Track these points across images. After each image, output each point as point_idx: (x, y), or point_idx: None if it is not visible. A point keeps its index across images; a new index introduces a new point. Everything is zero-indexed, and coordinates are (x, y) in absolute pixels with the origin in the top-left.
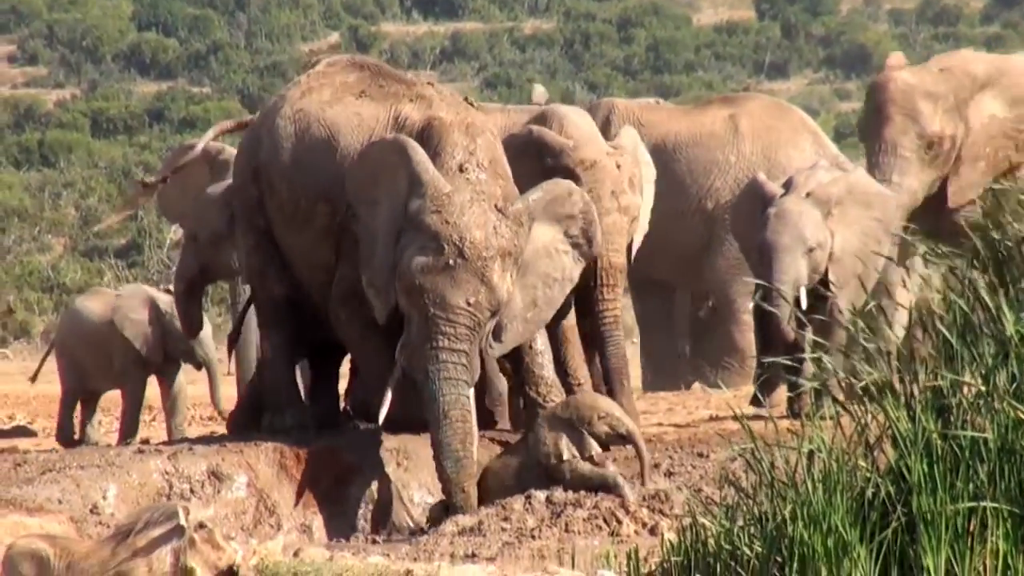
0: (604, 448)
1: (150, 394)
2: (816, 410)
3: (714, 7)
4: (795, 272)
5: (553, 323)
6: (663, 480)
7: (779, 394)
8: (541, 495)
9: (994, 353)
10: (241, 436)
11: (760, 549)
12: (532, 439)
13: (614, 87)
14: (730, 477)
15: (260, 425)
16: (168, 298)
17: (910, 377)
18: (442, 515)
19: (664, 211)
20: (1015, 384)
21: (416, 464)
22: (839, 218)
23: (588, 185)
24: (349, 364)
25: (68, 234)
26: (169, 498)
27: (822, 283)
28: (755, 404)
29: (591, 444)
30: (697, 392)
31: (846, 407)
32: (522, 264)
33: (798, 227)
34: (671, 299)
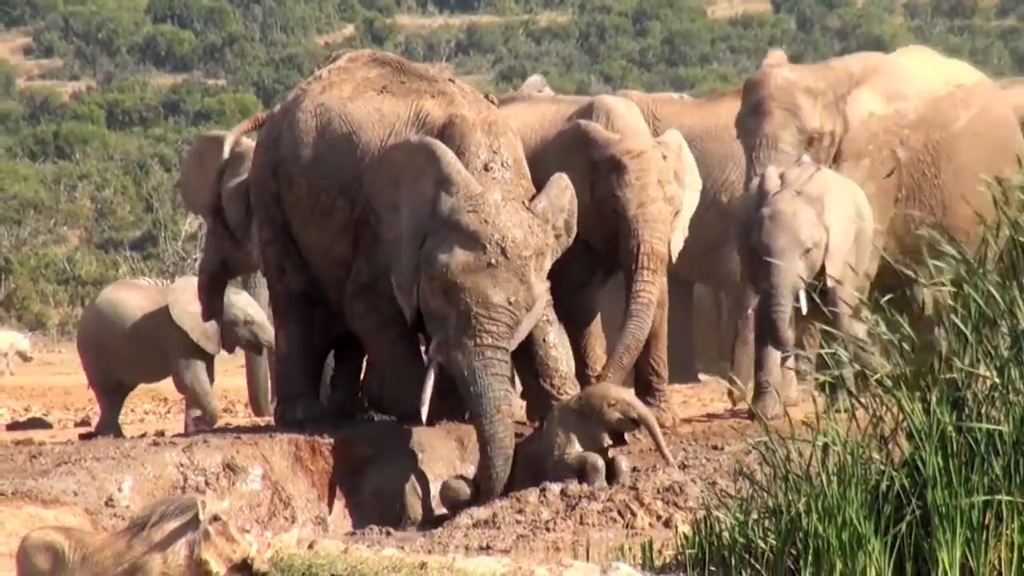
0: (619, 436)
1: (165, 387)
2: (831, 404)
3: (729, 0)
4: (793, 276)
5: (578, 318)
6: (678, 473)
7: (790, 390)
8: (556, 487)
9: (1009, 346)
10: (258, 428)
11: (774, 542)
12: (544, 431)
13: (629, 80)
14: (745, 470)
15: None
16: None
17: (925, 369)
18: (460, 491)
19: None
20: None
21: (431, 456)
22: (830, 212)
23: (635, 174)
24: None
25: (83, 226)
26: (184, 491)
27: (819, 278)
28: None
29: (603, 437)
30: (711, 385)
31: (860, 400)
32: None
33: (793, 229)
34: (688, 293)
